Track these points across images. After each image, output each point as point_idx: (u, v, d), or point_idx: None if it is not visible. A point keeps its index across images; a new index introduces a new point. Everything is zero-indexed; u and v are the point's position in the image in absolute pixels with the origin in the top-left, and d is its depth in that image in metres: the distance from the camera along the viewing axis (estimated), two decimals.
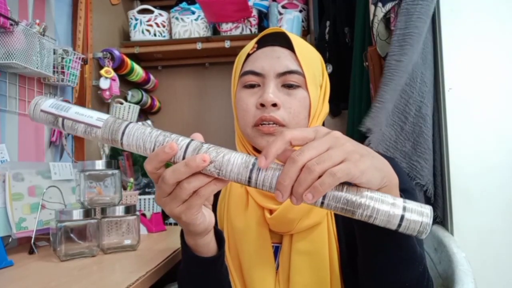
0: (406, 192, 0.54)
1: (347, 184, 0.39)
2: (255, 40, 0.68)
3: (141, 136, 0.42)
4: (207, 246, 0.54)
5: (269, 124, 0.61)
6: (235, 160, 0.40)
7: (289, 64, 0.62)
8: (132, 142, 0.43)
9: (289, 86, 0.63)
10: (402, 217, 0.38)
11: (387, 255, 0.48)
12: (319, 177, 0.37)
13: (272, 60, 0.63)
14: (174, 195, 0.43)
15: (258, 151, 0.67)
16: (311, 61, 0.66)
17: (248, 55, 0.67)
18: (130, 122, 0.44)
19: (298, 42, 0.65)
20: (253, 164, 0.40)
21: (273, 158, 0.39)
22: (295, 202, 0.38)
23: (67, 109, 0.44)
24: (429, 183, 0.89)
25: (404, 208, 0.38)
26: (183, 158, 0.41)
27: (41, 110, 0.45)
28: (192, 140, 0.42)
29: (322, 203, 0.39)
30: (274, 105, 0.61)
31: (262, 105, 0.61)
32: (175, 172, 0.41)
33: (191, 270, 0.57)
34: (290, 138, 0.39)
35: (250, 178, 0.40)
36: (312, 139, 0.40)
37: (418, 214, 0.38)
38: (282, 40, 0.64)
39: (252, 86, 0.64)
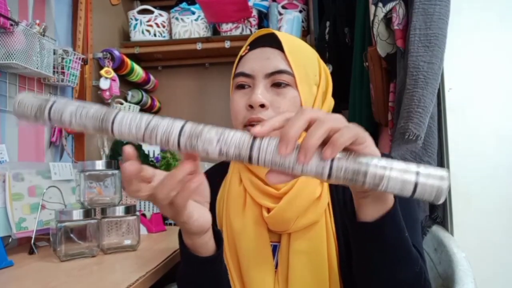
0: None
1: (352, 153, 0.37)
2: (247, 42, 0.69)
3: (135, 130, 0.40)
4: (205, 245, 0.54)
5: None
6: (235, 134, 0.39)
7: (278, 64, 0.63)
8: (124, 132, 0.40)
9: (278, 86, 0.62)
10: (416, 184, 0.35)
11: (380, 254, 0.48)
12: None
13: (262, 61, 0.63)
14: (157, 203, 0.43)
15: None
16: (303, 60, 0.65)
17: (241, 57, 0.68)
18: (119, 111, 0.41)
19: (288, 42, 0.65)
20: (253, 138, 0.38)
21: (269, 129, 0.37)
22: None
23: (68, 105, 0.42)
24: None
25: (418, 174, 0.36)
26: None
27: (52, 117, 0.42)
28: (186, 122, 0.40)
29: (329, 174, 0.36)
30: (262, 105, 0.61)
31: (251, 106, 0.62)
32: (163, 186, 0.41)
33: (190, 270, 0.57)
34: (288, 116, 0.38)
35: (253, 144, 0.38)
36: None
37: (434, 178, 0.36)
38: (272, 41, 0.65)
39: (243, 87, 0.65)
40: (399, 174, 0.36)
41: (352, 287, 0.61)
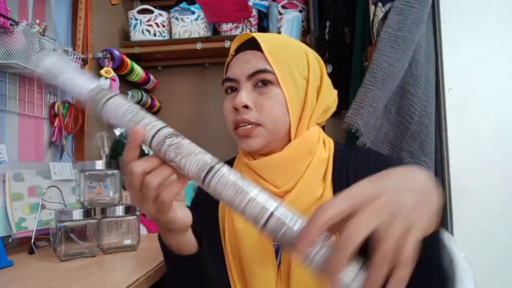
0: None
1: None
2: (231, 49, 0.71)
3: (115, 117, 0.43)
4: (189, 243, 0.55)
5: (244, 125, 0.64)
6: (190, 167, 0.40)
7: (258, 64, 0.64)
8: (110, 119, 0.44)
9: (261, 86, 0.64)
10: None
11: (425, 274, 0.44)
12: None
13: (243, 64, 0.66)
14: (143, 195, 0.44)
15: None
16: (284, 56, 0.66)
17: (228, 64, 0.70)
18: (111, 97, 0.44)
19: (267, 41, 0.66)
20: (204, 175, 0.40)
21: (312, 241, 0.34)
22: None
23: (60, 73, 0.45)
24: None
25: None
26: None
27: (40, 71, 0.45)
28: (158, 130, 0.42)
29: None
30: (246, 107, 0.63)
31: (236, 108, 0.64)
32: (125, 156, 0.43)
33: (176, 271, 0.59)
34: (331, 215, 0.34)
35: (203, 184, 0.40)
36: (352, 209, 0.34)
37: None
38: (252, 44, 0.66)
39: (230, 91, 0.68)
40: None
41: None
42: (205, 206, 0.66)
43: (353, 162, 0.66)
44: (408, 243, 0.33)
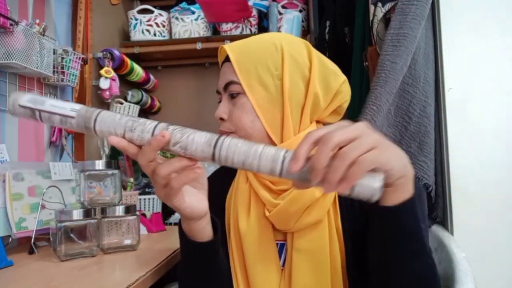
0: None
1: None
2: (220, 61, 0.73)
3: (112, 122, 0.46)
4: (201, 231, 0.56)
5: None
6: (199, 139, 0.43)
7: (229, 76, 0.66)
8: (103, 129, 0.46)
9: (233, 97, 0.66)
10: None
11: (398, 242, 0.51)
12: (350, 164, 0.39)
13: (222, 76, 0.68)
14: (154, 181, 0.47)
15: None
16: (251, 62, 0.64)
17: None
18: (102, 110, 0.47)
19: (235, 50, 0.66)
20: (215, 141, 0.43)
21: (303, 159, 0.41)
22: (326, 190, 0.41)
23: (42, 103, 0.48)
24: (433, 183, 0.89)
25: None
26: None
27: (19, 105, 0.48)
28: (159, 122, 0.46)
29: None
30: (222, 119, 0.67)
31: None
32: (143, 154, 0.45)
33: (186, 256, 0.61)
34: (316, 137, 0.41)
35: (213, 155, 0.43)
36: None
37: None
38: (228, 56, 0.67)
39: (219, 102, 0.70)
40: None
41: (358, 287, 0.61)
42: (212, 207, 0.66)
43: None
44: (364, 149, 0.40)
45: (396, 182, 0.46)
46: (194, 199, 0.53)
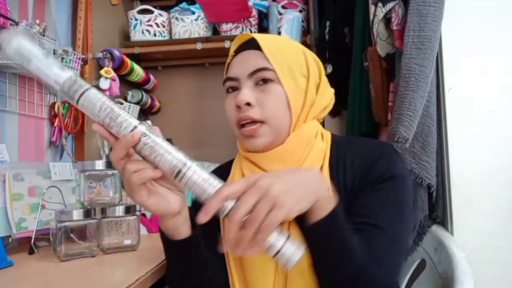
0: (396, 178, 0.62)
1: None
2: (231, 50, 0.72)
3: (92, 110, 0.47)
4: (176, 229, 0.57)
5: (248, 124, 0.65)
6: (164, 165, 0.47)
7: (258, 63, 0.65)
8: (86, 111, 0.47)
9: (261, 83, 0.65)
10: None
11: (324, 255, 0.57)
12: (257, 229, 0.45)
13: (243, 63, 0.67)
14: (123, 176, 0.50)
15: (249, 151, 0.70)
16: (284, 54, 0.67)
17: (228, 64, 0.71)
18: (85, 92, 0.46)
19: (266, 41, 0.67)
20: (177, 172, 0.47)
21: (212, 214, 0.46)
22: (242, 253, 0.47)
23: (29, 61, 0.45)
24: (435, 183, 0.89)
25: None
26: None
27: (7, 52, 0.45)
28: (134, 128, 0.47)
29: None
30: (248, 104, 0.64)
31: (239, 106, 0.65)
32: (114, 151, 0.48)
33: (167, 254, 0.63)
34: (225, 195, 0.46)
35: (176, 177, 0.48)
36: (243, 192, 0.47)
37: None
38: (252, 44, 0.67)
39: (231, 90, 0.69)
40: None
41: None
42: None
43: (348, 151, 0.68)
44: (265, 214, 0.45)
45: (311, 209, 0.52)
46: (163, 198, 0.53)
